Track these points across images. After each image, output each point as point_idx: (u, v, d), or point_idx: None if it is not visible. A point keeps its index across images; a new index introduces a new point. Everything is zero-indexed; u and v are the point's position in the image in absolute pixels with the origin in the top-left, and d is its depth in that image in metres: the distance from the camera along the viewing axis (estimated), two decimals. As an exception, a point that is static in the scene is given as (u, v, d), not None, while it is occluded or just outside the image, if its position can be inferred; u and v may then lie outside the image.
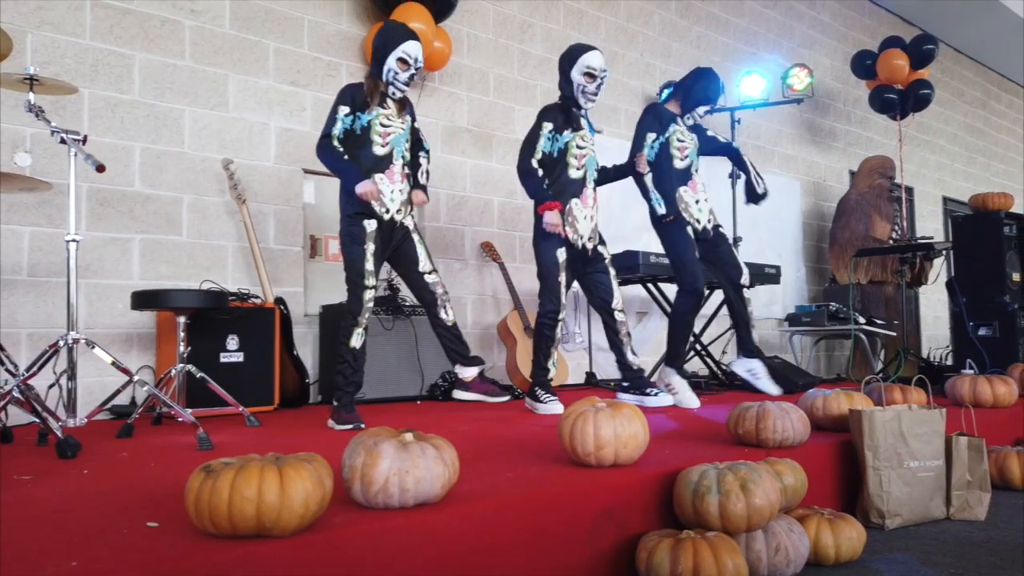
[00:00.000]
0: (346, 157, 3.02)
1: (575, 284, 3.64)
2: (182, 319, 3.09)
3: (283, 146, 4.27)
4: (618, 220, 5.27)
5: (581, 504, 1.77)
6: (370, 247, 3.03)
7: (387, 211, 3.07)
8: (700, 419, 3.19)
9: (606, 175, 3.74)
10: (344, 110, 3.04)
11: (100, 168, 2.36)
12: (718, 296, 4.73)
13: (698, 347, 4.91)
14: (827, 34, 8.04)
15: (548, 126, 3.44)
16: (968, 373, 4.04)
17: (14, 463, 2.23)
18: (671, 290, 4.84)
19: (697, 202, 3.74)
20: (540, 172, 3.43)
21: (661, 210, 3.64)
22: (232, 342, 3.57)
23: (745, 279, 3.74)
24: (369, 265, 3.02)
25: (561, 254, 3.43)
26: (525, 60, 5.44)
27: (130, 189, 3.73)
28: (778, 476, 2.02)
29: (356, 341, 3.03)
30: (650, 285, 4.80)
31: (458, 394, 3.29)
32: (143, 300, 3.06)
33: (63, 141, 2.46)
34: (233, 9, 4.12)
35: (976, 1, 8.51)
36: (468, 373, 3.25)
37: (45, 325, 3.46)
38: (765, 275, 5.15)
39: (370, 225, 3.03)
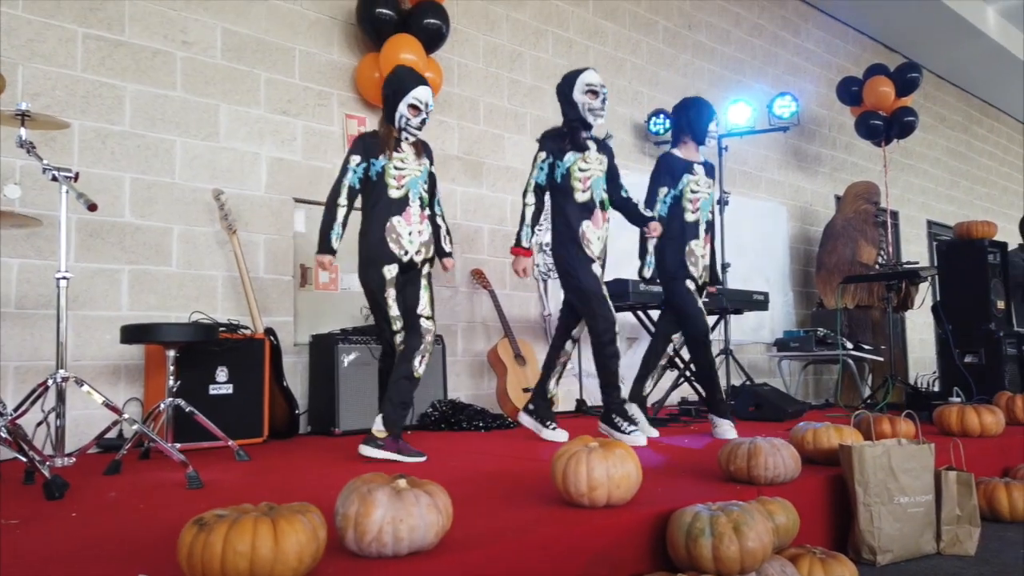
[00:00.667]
0: (338, 220, 3.06)
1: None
2: (171, 352, 3.07)
3: (274, 175, 4.27)
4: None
5: (575, 547, 1.76)
6: (391, 293, 3.08)
7: (405, 253, 3.09)
8: (692, 454, 3.20)
9: (629, 209, 3.68)
10: (355, 159, 3.10)
11: (92, 207, 2.36)
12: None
13: (688, 374, 4.92)
14: (811, 61, 8.16)
15: (542, 155, 3.48)
16: (955, 401, 4.08)
17: (1, 505, 2.20)
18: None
19: (704, 256, 3.81)
20: (532, 208, 3.45)
21: (647, 273, 3.74)
22: (221, 374, 3.55)
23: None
24: (394, 311, 3.09)
25: (596, 269, 3.45)
26: (515, 89, 5.49)
27: (120, 220, 3.72)
28: (770, 516, 2.02)
29: (420, 370, 3.07)
30: (639, 312, 4.82)
31: (364, 449, 2.96)
32: (132, 334, 3.05)
33: (55, 179, 2.46)
34: (225, 40, 4.15)
35: (956, 28, 8.68)
36: (379, 428, 2.99)
37: (33, 358, 3.43)
38: (753, 302, 5.18)
39: (389, 272, 3.06)
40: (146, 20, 3.88)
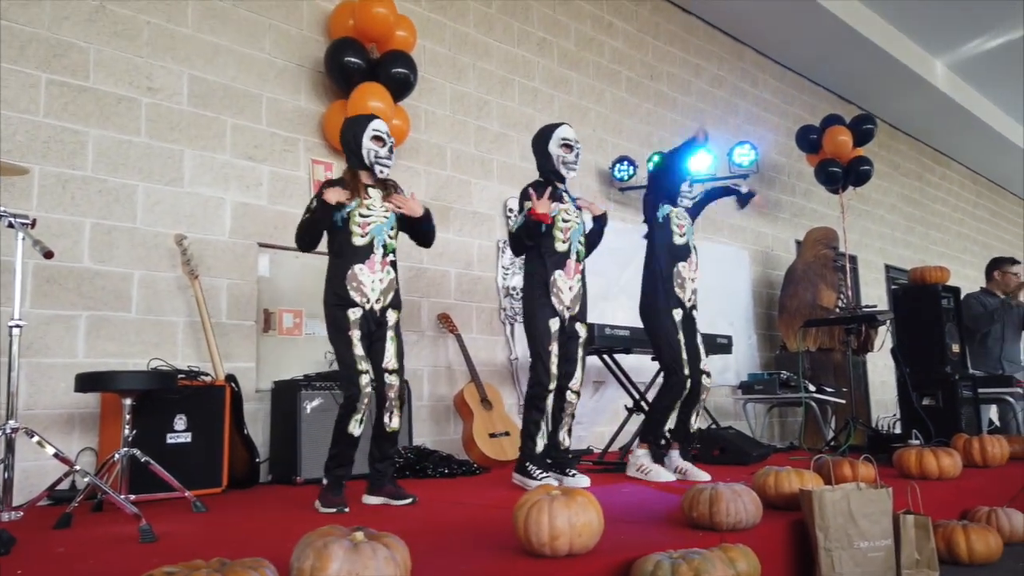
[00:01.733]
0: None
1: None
2: (128, 401, 3.00)
3: (238, 220, 4.26)
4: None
5: (535, 599, 1.75)
6: (356, 333, 3.05)
7: (367, 301, 3.08)
8: (655, 497, 3.19)
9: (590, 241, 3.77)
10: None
11: (48, 255, 2.34)
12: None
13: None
14: (770, 111, 8.42)
15: (528, 205, 3.52)
16: (914, 444, 4.14)
17: (-59, 563, 2.12)
18: (625, 361, 4.90)
19: (693, 280, 3.90)
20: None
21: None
22: (180, 422, 3.48)
23: (704, 365, 3.82)
24: (358, 351, 3.03)
25: (554, 323, 3.46)
26: (482, 135, 5.57)
27: (78, 265, 3.67)
28: (731, 563, 2.02)
29: (355, 429, 3.02)
30: (605, 356, 4.84)
31: (366, 499, 3.13)
32: (87, 382, 2.98)
33: (11, 225, 2.43)
34: (191, 87, 4.16)
35: (907, 80, 9.04)
36: (371, 500, 3.13)
37: (-18, 407, 3.34)
38: (718, 345, 5.24)
39: (353, 314, 3.06)
40: (111, 67, 3.88)
